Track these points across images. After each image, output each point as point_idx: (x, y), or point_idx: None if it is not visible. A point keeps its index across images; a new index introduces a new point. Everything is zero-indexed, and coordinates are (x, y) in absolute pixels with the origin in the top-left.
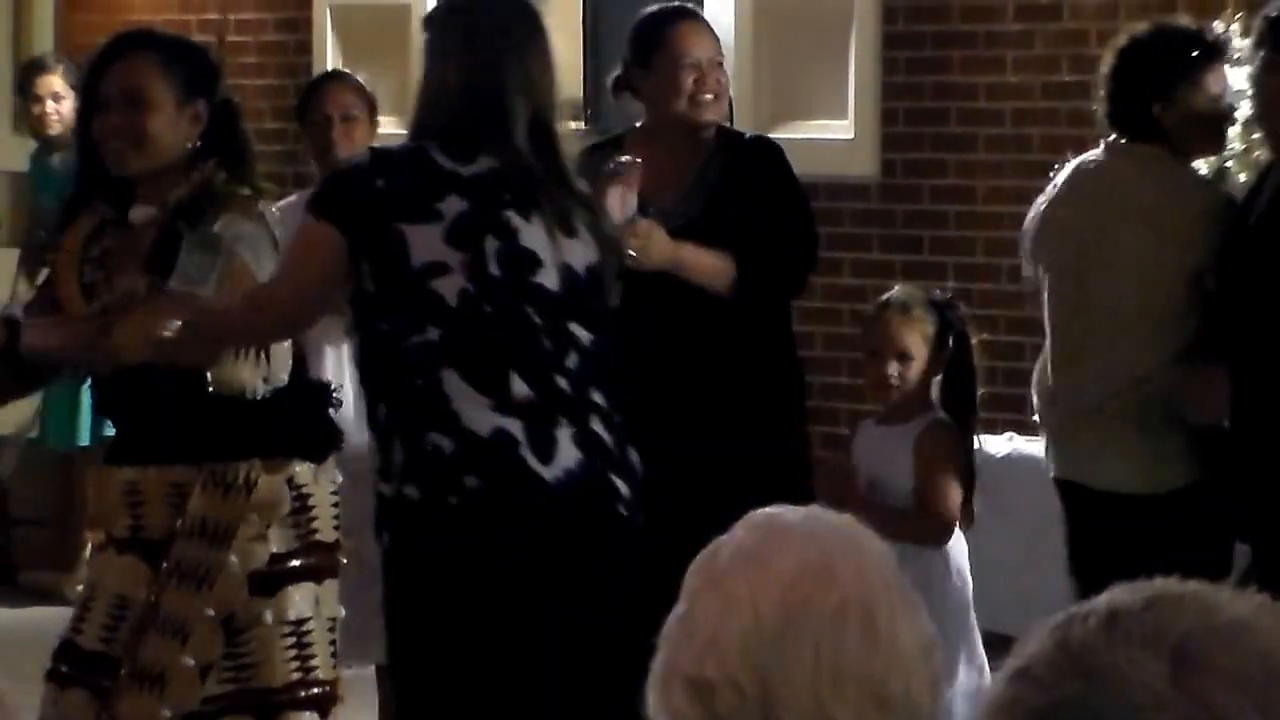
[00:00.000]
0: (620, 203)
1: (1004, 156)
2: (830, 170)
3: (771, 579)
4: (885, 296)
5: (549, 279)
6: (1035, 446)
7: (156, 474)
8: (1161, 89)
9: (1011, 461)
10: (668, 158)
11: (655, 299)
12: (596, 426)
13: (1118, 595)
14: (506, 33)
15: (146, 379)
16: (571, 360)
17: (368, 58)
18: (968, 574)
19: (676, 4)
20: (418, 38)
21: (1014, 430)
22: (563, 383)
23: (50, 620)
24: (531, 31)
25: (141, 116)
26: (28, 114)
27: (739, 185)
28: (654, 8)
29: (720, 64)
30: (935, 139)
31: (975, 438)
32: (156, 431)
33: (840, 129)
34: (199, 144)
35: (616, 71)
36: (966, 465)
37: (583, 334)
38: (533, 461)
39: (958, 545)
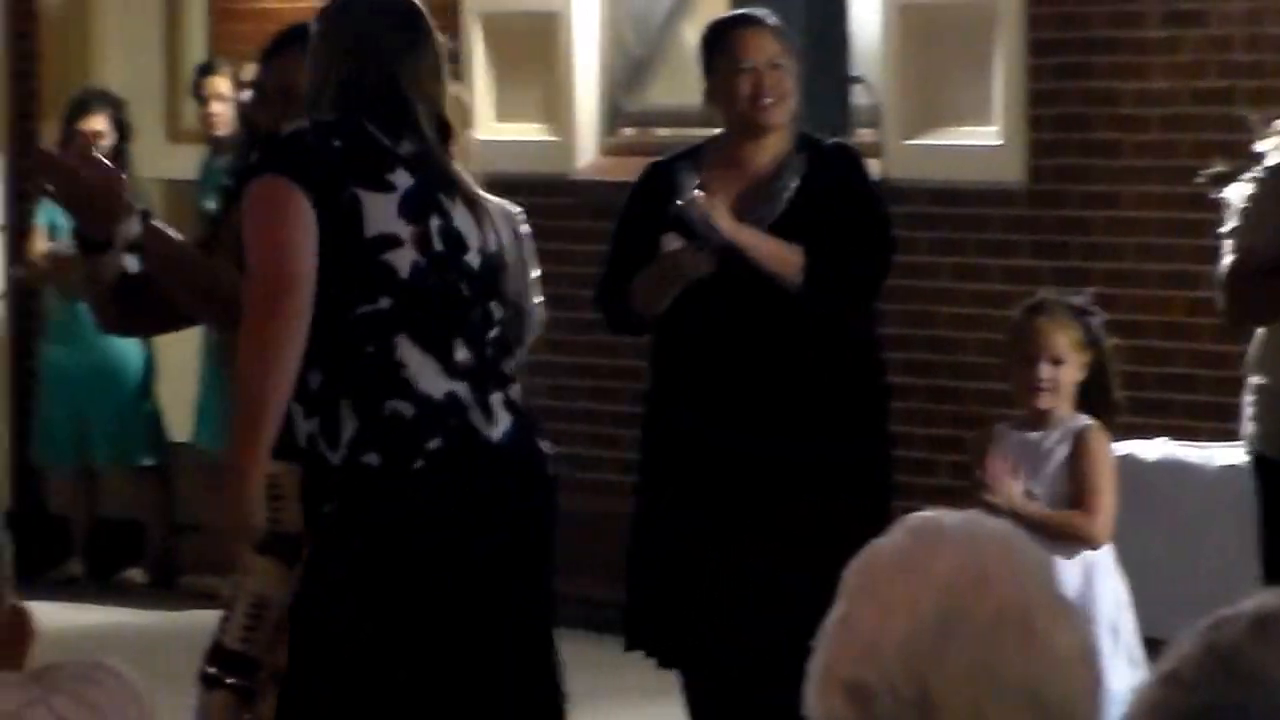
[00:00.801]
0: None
1: (1151, 162)
2: (978, 177)
3: (929, 583)
4: (1032, 301)
5: (474, 260)
6: (1186, 450)
7: (295, 469)
8: None
9: (1163, 466)
10: (744, 163)
11: (733, 298)
12: (514, 394)
13: (1266, 598)
14: (395, 33)
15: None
16: (492, 334)
17: (516, 64)
18: (1120, 574)
19: (742, 10)
20: (565, 44)
21: (1165, 434)
22: (490, 352)
23: (209, 623)
24: (420, 34)
25: (295, 111)
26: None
27: (818, 191)
28: (719, 15)
29: (780, 66)
30: (1082, 145)
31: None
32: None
33: (988, 135)
34: None
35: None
36: None
37: (497, 312)
38: (480, 423)
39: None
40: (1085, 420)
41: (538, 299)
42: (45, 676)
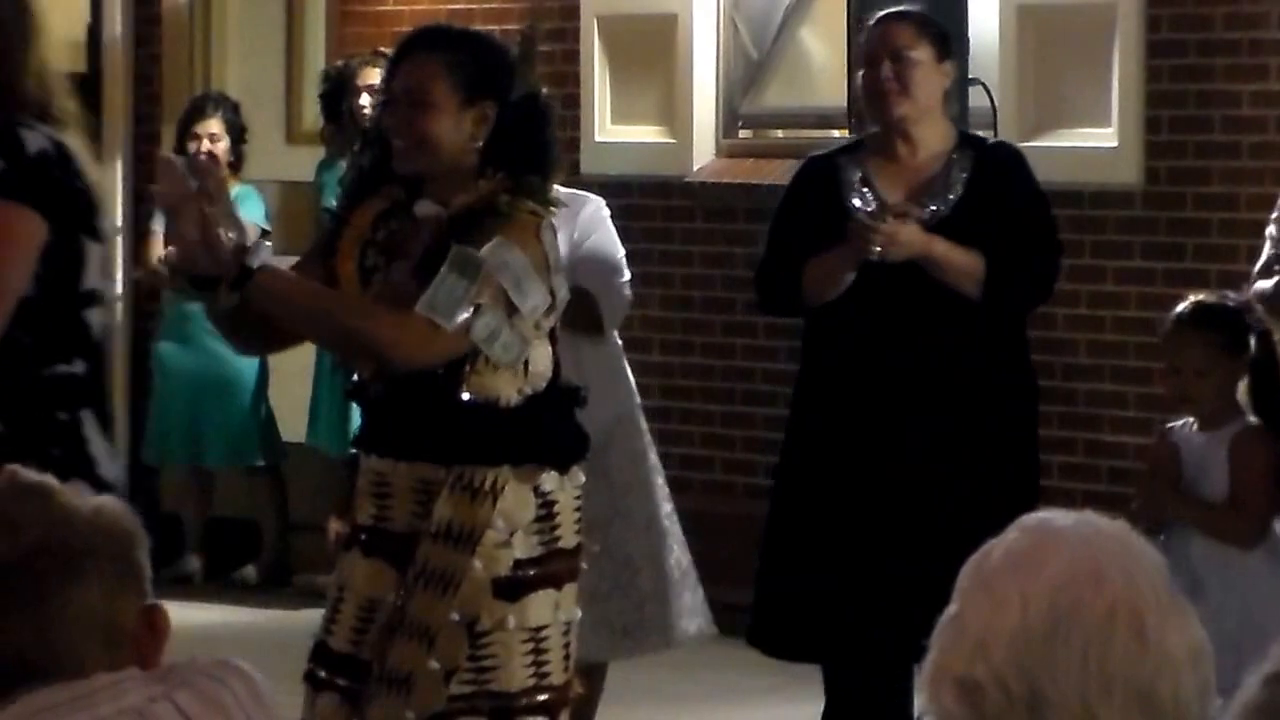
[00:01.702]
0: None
1: (1268, 164)
2: (1094, 178)
3: (1042, 581)
4: (1178, 310)
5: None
6: None
7: (406, 469)
8: None
9: None
10: (901, 159)
11: (887, 301)
12: None
13: None
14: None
15: (401, 379)
16: None
17: (634, 67)
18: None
19: (892, 8)
20: (683, 47)
21: None
22: None
23: (319, 622)
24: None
25: (422, 116)
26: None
27: (985, 189)
28: None
29: (905, 59)
30: (1199, 147)
31: None
32: (407, 429)
33: (1104, 137)
34: (487, 144)
35: None
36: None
37: None
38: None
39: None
40: (1246, 421)
41: (624, 278)
42: (171, 674)
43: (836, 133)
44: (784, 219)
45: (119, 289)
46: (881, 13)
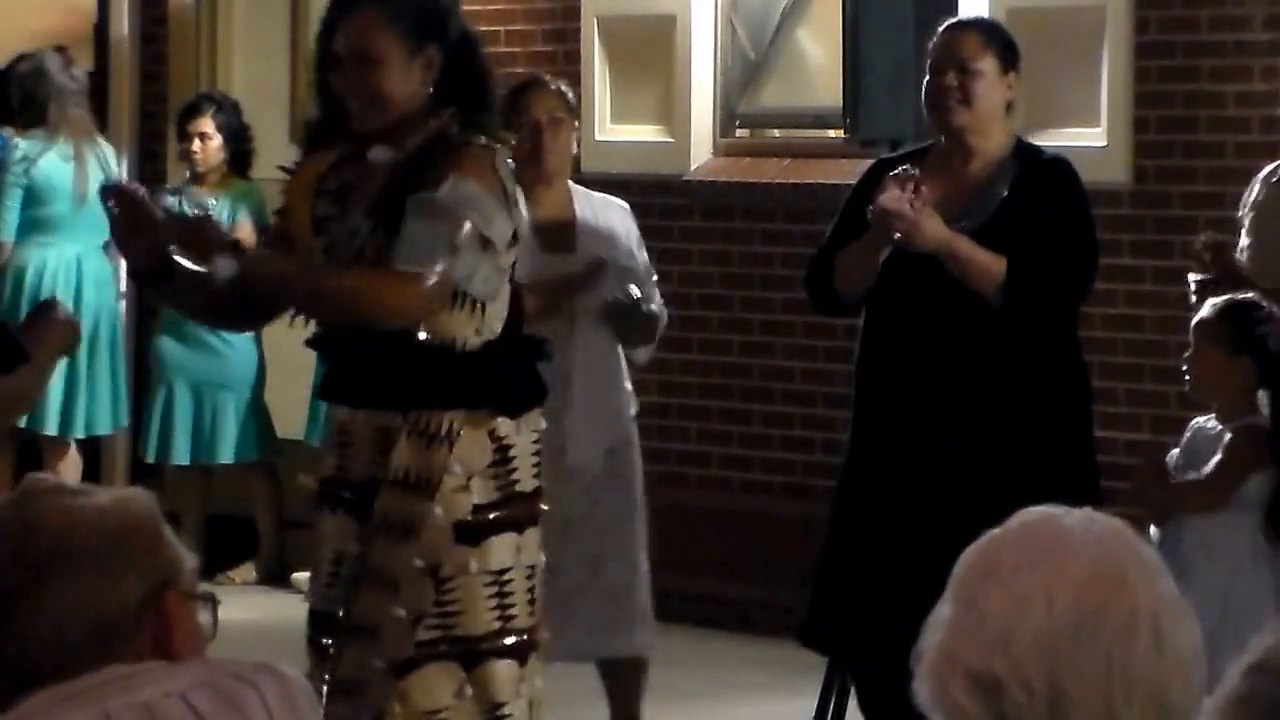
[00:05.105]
0: (898, 198)
1: (1252, 163)
2: (1083, 177)
3: (1065, 580)
4: (1205, 306)
5: None
6: None
7: (365, 418)
8: None
9: None
10: (955, 167)
11: (938, 306)
12: None
13: None
14: None
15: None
16: None
17: (633, 66)
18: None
19: (961, 16)
20: (681, 47)
21: None
22: None
23: None
24: None
25: (373, 74)
26: None
27: (1026, 202)
28: None
29: (968, 69)
30: (1186, 146)
31: None
32: (365, 375)
33: (1093, 136)
34: (434, 89)
35: None
36: None
37: None
38: None
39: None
40: (1246, 419)
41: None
42: (198, 669)
43: (832, 133)
44: (839, 218)
45: (120, 287)
46: (950, 20)
